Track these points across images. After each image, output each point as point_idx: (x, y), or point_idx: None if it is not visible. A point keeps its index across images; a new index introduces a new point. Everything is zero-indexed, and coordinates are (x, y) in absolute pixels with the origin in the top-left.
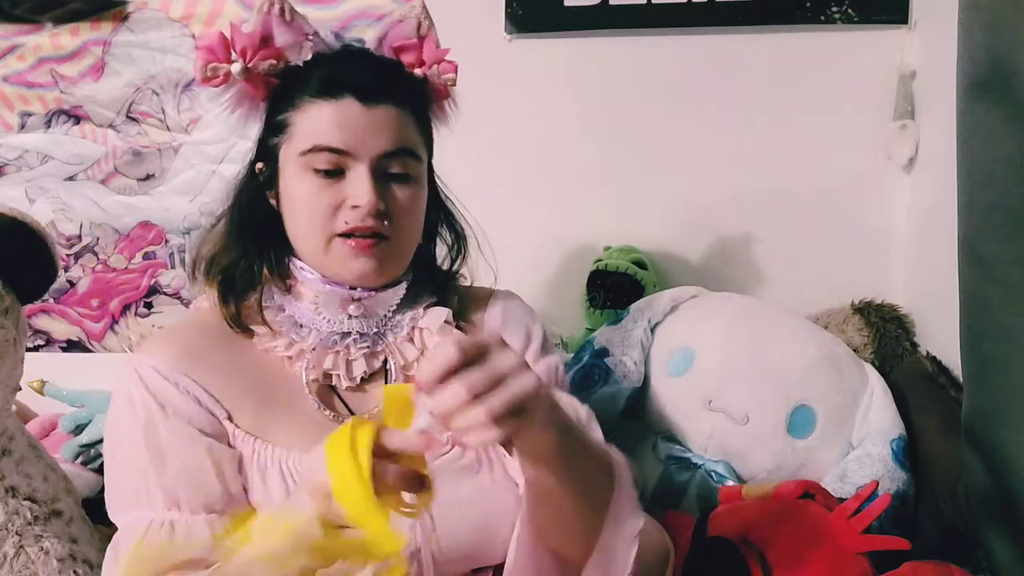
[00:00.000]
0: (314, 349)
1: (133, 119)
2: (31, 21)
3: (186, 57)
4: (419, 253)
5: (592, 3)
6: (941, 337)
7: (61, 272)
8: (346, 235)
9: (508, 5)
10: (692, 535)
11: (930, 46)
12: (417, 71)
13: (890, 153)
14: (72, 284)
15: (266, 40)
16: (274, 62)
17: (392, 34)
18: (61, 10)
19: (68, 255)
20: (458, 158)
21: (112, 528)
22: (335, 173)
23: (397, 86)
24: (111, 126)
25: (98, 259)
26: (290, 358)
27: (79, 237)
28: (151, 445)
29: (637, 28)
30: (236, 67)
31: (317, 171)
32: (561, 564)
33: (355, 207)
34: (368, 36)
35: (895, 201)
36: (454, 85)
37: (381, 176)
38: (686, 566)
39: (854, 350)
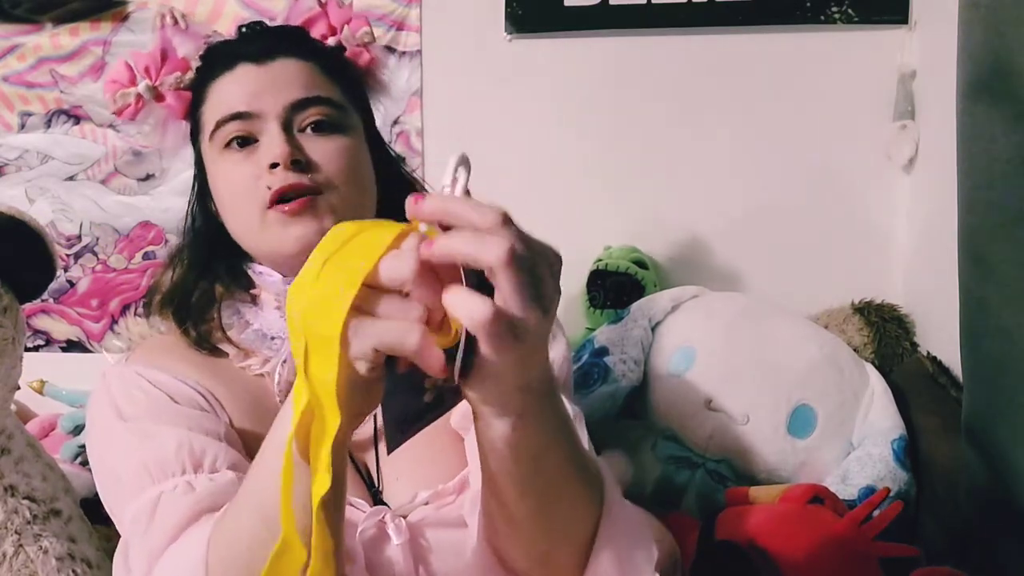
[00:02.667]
0: (284, 361)
1: None
2: (31, 21)
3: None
4: None
5: (592, 3)
6: (941, 337)
7: (61, 272)
8: (276, 202)
9: (508, 5)
10: (699, 538)
11: (930, 46)
12: (331, 40)
13: (890, 153)
14: (72, 284)
15: (166, 53)
16: (180, 74)
17: (293, 13)
18: (61, 10)
19: (68, 255)
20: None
21: (111, 527)
22: (249, 142)
23: (295, 43)
24: (111, 126)
25: (98, 259)
26: (268, 374)
27: (79, 237)
28: (164, 416)
29: (637, 28)
30: (142, 86)
31: (229, 145)
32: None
33: (272, 166)
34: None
35: (895, 201)
36: (372, 41)
37: (295, 130)
38: (694, 569)
39: (854, 350)
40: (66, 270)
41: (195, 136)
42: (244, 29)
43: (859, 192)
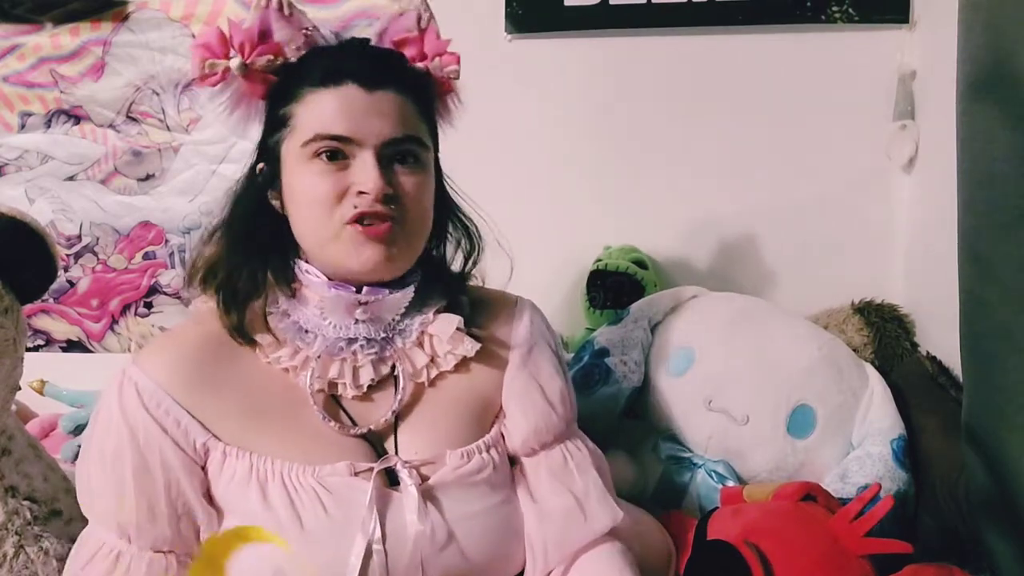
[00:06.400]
0: (319, 357)
1: (133, 119)
2: (31, 21)
3: (186, 57)
4: (428, 254)
5: (592, 3)
6: (941, 337)
7: (61, 272)
8: (357, 221)
9: (508, 5)
10: (693, 537)
11: (930, 46)
12: (419, 64)
13: (890, 153)
14: (72, 284)
15: (264, 35)
16: (272, 57)
17: (392, 28)
18: (61, 10)
19: (68, 255)
20: (458, 158)
21: None
22: (339, 156)
23: (399, 73)
24: (111, 126)
25: (98, 259)
26: (295, 368)
27: (79, 237)
28: (115, 475)
29: (637, 28)
30: (234, 62)
31: (320, 156)
32: None
33: (361, 193)
34: (368, 32)
35: (895, 201)
36: (456, 78)
37: (387, 162)
38: (688, 568)
39: (854, 350)
40: (66, 270)
41: (272, 126)
42: (349, 40)
43: (859, 192)
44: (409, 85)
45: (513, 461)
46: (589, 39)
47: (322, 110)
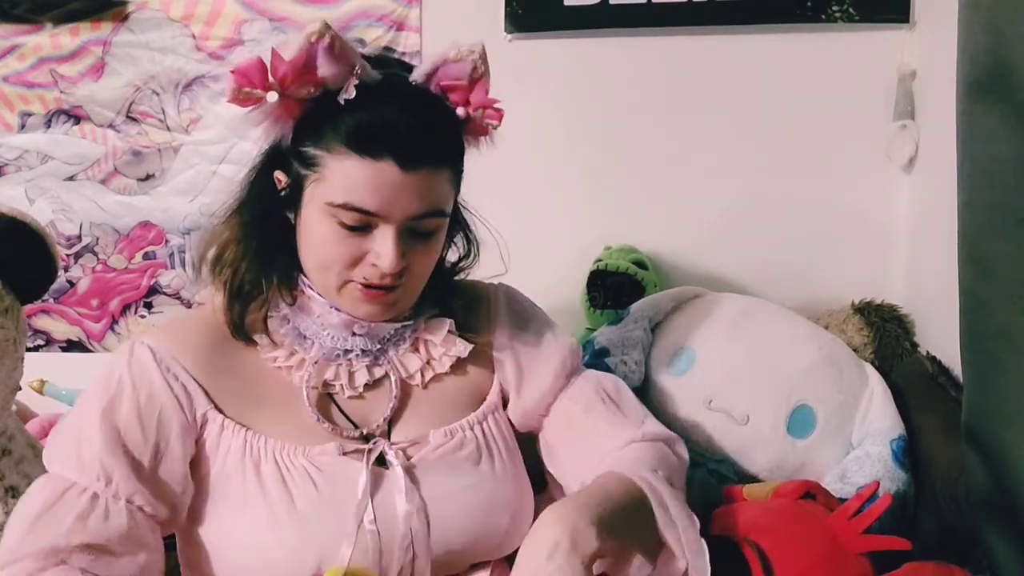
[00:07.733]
0: (316, 362)
1: (133, 119)
2: (31, 21)
3: (186, 57)
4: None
5: (592, 3)
6: (941, 337)
7: (61, 272)
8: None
9: (508, 5)
10: None
11: (930, 46)
12: (460, 110)
13: (890, 153)
14: (72, 284)
15: (308, 68)
16: (311, 90)
17: (443, 72)
18: (61, 10)
19: (68, 255)
20: None
21: None
22: (361, 227)
23: (439, 135)
24: (111, 126)
25: (98, 259)
26: (290, 368)
27: (79, 237)
28: (106, 419)
29: (637, 28)
30: (271, 96)
31: (343, 224)
32: None
33: (375, 265)
34: (419, 68)
35: (895, 201)
36: (495, 130)
37: (405, 234)
38: None
39: (854, 350)
40: (66, 270)
41: (299, 158)
42: (390, 86)
43: (859, 192)
44: (446, 148)
45: (530, 436)
46: (589, 39)
47: (356, 179)
